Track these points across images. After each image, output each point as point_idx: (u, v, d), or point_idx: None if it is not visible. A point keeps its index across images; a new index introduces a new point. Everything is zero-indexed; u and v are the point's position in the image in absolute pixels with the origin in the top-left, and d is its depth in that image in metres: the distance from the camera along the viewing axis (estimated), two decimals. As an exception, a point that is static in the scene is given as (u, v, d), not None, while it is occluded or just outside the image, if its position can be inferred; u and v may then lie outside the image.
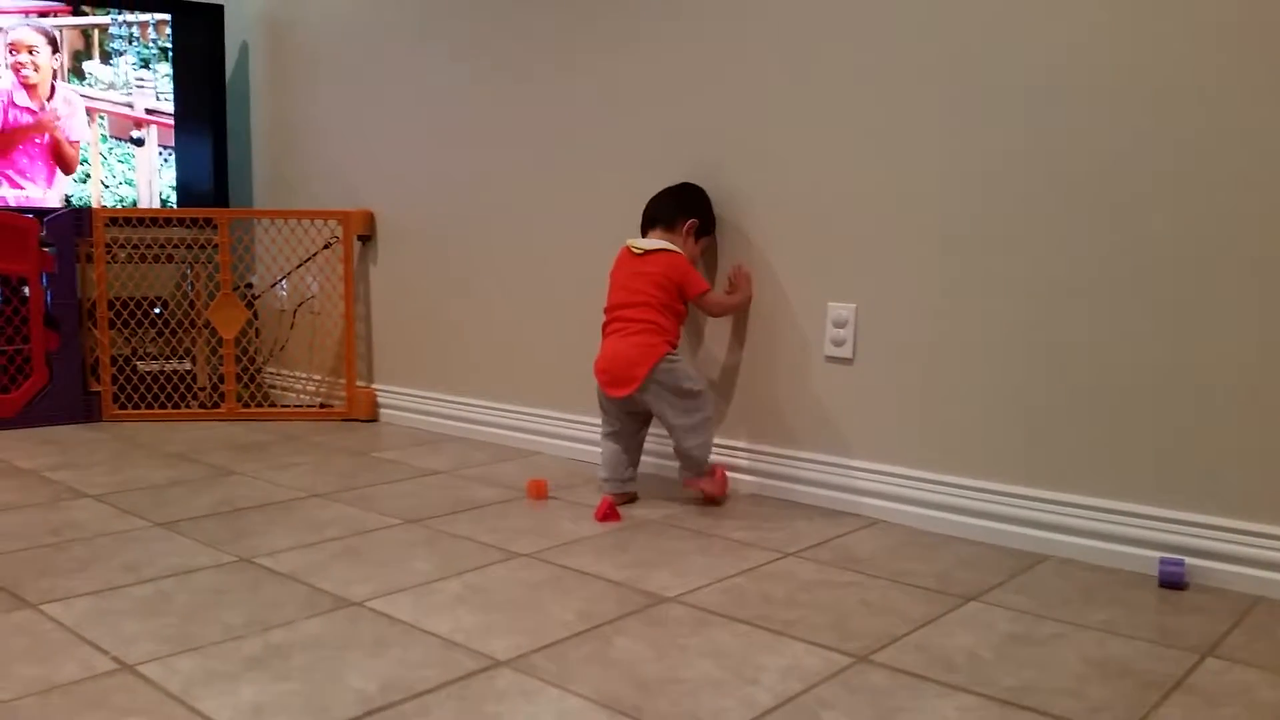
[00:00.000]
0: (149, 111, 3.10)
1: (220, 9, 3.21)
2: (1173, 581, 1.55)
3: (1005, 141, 1.76)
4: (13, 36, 2.89)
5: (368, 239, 2.97)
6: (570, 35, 2.40)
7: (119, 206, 3.09)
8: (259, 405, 2.99)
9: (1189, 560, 1.57)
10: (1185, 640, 1.35)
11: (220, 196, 3.22)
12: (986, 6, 1.77)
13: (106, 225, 2.83)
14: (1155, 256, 1.62)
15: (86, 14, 2.99)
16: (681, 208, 2.07)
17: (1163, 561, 1.56)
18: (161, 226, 2.99)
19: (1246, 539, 1.55)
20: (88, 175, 3.08)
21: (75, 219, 2.79)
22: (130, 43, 3.03)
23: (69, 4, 2.98)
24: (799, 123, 2.02)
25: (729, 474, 2.09)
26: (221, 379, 2.94)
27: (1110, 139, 1.65)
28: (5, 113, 2.92)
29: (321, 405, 3.02)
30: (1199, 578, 1.58)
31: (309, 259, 3.00)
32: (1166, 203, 1.61)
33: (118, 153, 3.09)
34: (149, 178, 3.12)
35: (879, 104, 1.91)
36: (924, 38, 1.84)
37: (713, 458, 2.14)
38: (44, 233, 2.74)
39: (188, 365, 3.02)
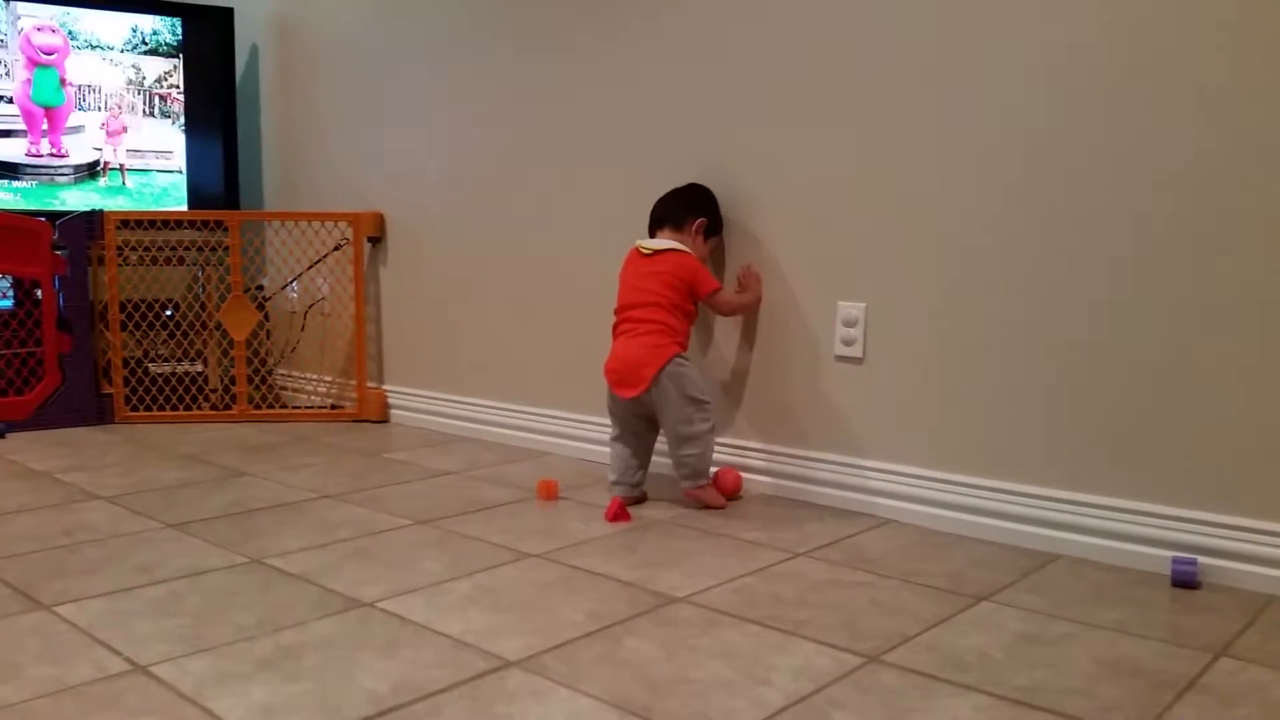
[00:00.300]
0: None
1: (230, 12, 3.23)
2: (1185, 581, 1.54)
3: (1005, 141, 1.76)
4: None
5: (378, 241, 2.98)
6: (575, 38, 2.40)
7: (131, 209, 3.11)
8: (270, 407, 3.00)
9: (1202, 559, 1.57)
10: (1198, 640, 1.34)
11: (231, 199, 3.24)
12: (986, 6, 1.76)
13: (118, 228, 2.85)
14: (1155, 256, 1.62)
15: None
16: (689, 207, 2.07)
17: (1175, 560, 1.56)
18: (173, 229, 3.00)
19: (1260, 538, 1.54)
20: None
21: (87, 222, 2.81)
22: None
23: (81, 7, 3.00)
24: (800, 123, 2.01)
25: (743, 475, 2.09)
26: (233, 380, 2.95)
27: (1110, 139, 1.65)
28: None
29: (332, 406, 3.03)
30: (1212, 577, 1.57)
31: (319, 261, 3.00)
32: (1166, 203, 1.60)
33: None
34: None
35: (880, 104, 1.90)
36: (924, 38, 1.84)
37: (726, 457, 2.15)
38: (56, 236, 2.76)
39: (199, 367, 3.03)
